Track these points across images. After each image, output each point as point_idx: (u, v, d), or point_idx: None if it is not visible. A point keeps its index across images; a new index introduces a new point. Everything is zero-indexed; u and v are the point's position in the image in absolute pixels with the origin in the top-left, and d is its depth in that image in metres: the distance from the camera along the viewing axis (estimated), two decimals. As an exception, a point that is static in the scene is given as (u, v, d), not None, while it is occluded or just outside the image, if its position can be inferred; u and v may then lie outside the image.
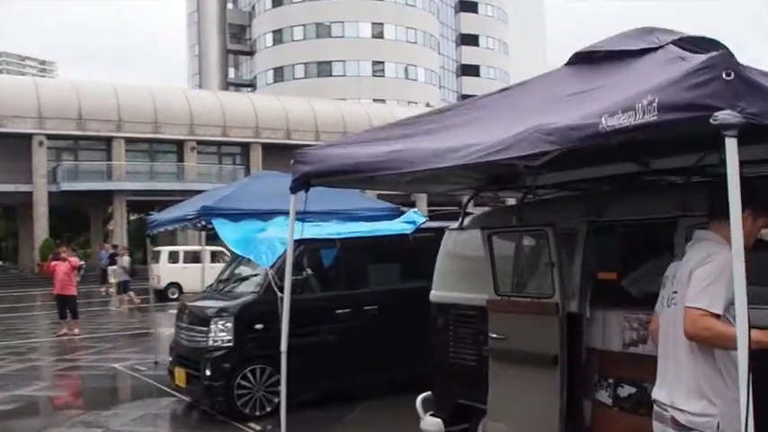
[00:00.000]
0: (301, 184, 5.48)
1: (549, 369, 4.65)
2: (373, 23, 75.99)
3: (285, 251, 7.63)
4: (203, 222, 9.15)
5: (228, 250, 12.86)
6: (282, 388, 5.53)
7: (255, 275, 8.47)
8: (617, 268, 5.07)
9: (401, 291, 8.67)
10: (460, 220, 6.07)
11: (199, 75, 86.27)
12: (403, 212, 9.87)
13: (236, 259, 9.23)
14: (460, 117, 4.55)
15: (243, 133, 50.12)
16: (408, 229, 8.67)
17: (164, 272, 29.23)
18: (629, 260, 5.08)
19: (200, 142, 48.71)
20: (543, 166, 3.91)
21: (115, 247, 34.99)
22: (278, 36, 77.67)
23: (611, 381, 4.71)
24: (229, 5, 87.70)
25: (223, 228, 8.77)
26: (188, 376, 8.50)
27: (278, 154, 50.70)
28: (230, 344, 8.04)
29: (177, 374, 8.79)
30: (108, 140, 45.94)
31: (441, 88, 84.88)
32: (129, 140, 46.54)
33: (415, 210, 9.78)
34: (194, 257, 27.99)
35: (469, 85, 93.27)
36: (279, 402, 6.37)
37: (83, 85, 46.14)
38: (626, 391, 4.60)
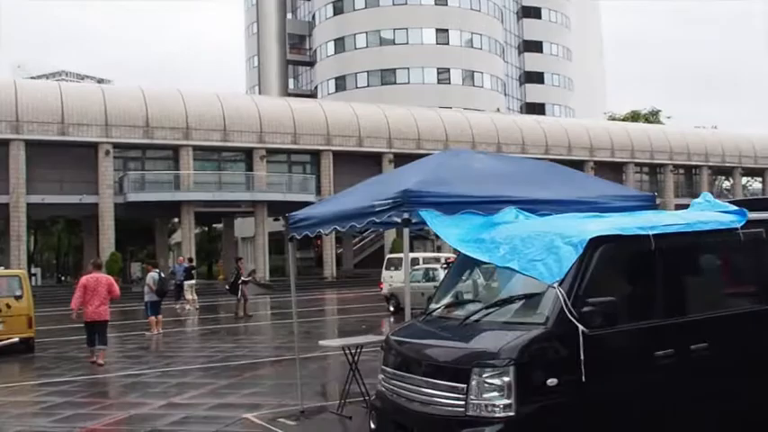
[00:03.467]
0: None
1: None
2: (437, 29, 73.65)
3: (579, 256, 5.09)
4: (404, 215, 6.57)
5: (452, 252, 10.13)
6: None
7: (528, 296, 5.34)
8: None
9: (744, 317, 6.01)
10: None
11: (258, 86, 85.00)
12: (655, 203, 7.27)
13: (466, 268, 6.50)
14: None
15: (313, 141, 47.96)
16: (733, 221, 5.99)
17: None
18: None
19: (269, 150, 46.67)
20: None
21: (191, 260, 32.95)
22: (340, 44, 75.84)
23: None
24: (289, 15, 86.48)
25: (440, 222, 6.29)
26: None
27: (350, 162, 48.61)
28: (510, 413, 4.83)
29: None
30: (175, 149, 44.12)
31: (505, 96, 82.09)
32: (196, 149, 44.68)
33: (706, 193, 7.08)
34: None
35: (534, 92, 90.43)
36: None
37: (150, 91, 44.42)
38: None
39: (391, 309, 23.71)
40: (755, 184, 71.19)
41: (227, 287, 28.42)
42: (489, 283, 6.13)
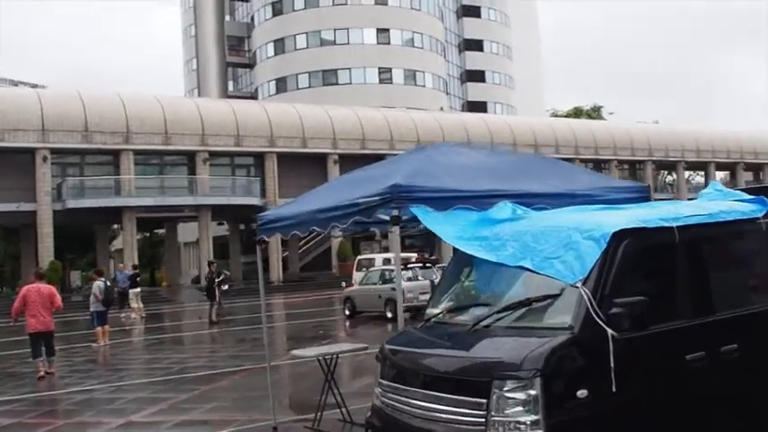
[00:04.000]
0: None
1: None
2: (378, 29, 73.27)
3: (603, 252, 4.67)
4: (393, 212, 6.06)
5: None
6: None
7: (545, 298, 4.79)
8: None
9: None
10: None
11: (198, 89, 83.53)
12: (645, 196, 6.91)
13: (462, 269, 5.99)
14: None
15: (257, 143, 47.13)
16: (754, 210, 5.62)
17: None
18: None
19: (212, 153, 45.68)
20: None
21: (135, 267, 31.91)
22: (279, 45, 74.86)
23: None
24: (227, 17, 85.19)
25: (433, 219, 5.82)
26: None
27: (294, 163, 47.90)
28: (538, 430, 4.29)
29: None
30: (116, 153, 42.82)
31: (447, 95, 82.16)
32: (137, 153, 43.43)
33: (715, 182, 6.71)
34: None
35: (475, 90, 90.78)
36: None
37: (88, 95, 42.99)
38: None
39: (347, 312, 23.16)
40: (698, 178, 72.49)
41: (204, 293, 27.83)
42: (491, 284, 5.64)
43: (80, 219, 42.28)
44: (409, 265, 22.70)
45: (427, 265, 23.15)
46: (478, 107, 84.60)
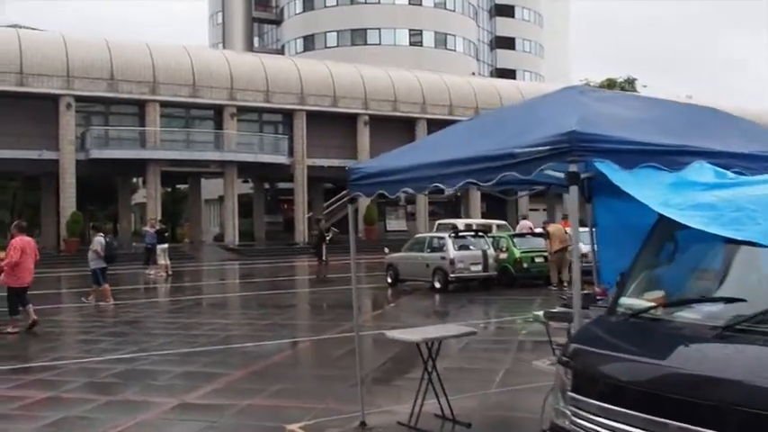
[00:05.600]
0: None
1: None
2: (411, -11, 71.14)
3: None
4: (570, 167, 4.62)
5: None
6: None
7: None
8: None
9: None
10: None
11: (222, 44, 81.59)
12: None
13: (664, 246, 4.49)
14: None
15: (286, 99, 45.54)
16: None
17: None
18: None
19: (240, 108, 44.17)
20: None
21: (163, 222, 30.64)
22: (309, 2, 72.96)
23: None
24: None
25: (625, 179, 4.43)
26: None
27: (325, 123, 46.39)
28: None
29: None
30: (141, 104, 41.40)
31: (477, 61, 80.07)
32: (164, 104, 41.98)
33: None
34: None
35: (504, 57, 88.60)
36: None
37: (115, 42, 41.47)
38: None
39: (389, 280, 21.80)
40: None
41: (312, 250, 26.86)
42: (723, 270, 4.19)
43: (103, 170, 41.06)
44: (461, 233, 21.32)
45: (479, 234, 21.72)
46: (507, 75, 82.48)
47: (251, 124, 45.89)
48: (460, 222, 29.57)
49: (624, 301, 4.51)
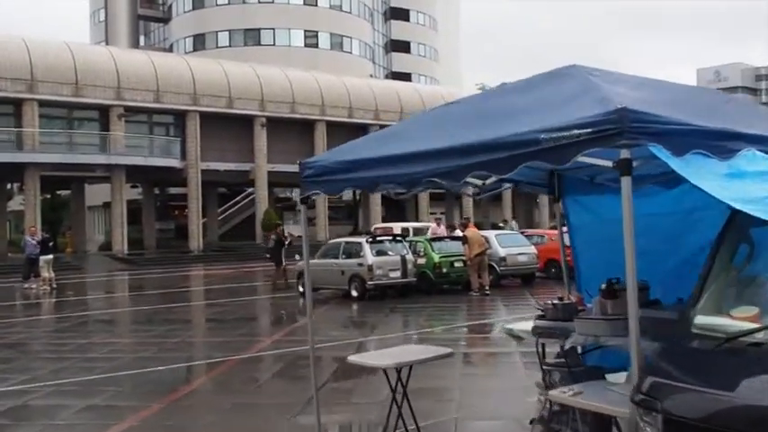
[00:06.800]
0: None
1: None
2: (306, -11, 69.69)
3: None
4: (621, 153, 3.46)
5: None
6: None
7: None
8: None
9: None
10: None
11: (105, 43, 77.80)
12: None
13: (739, 250, 3.45)
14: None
15: (179, 99, 43.28)
16: None
17: None
18: None
19: (128, 109, 41.60)
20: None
21: (46, 231, 28.08)
22: (198, 0, 70.37)
23: None
24: (139, -34, 79.70)
25: (684, 168, 3.42)
26: None
27: (220, 124, 44.44)
28: None
29: None
30: (18, 103, 38.30)
31: (373, 64, 79.38)
32: (43, 104, 38.98)
33: None
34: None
35: (400, 61, 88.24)
36: None
37: (-14, 36, 38.27)
38: None
39: (300, 289, 20.26)
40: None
41: (266, 254, 25.44)
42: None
43: (-26, 174, 37.82)
44: (378, 238, 20.14)
45: (397, 238, 20.57)
46: (403, 78, 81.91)
47: (140, 125, 43.35)
48: (409, 226, 28.40)
49: (701, 320, 3.42)
